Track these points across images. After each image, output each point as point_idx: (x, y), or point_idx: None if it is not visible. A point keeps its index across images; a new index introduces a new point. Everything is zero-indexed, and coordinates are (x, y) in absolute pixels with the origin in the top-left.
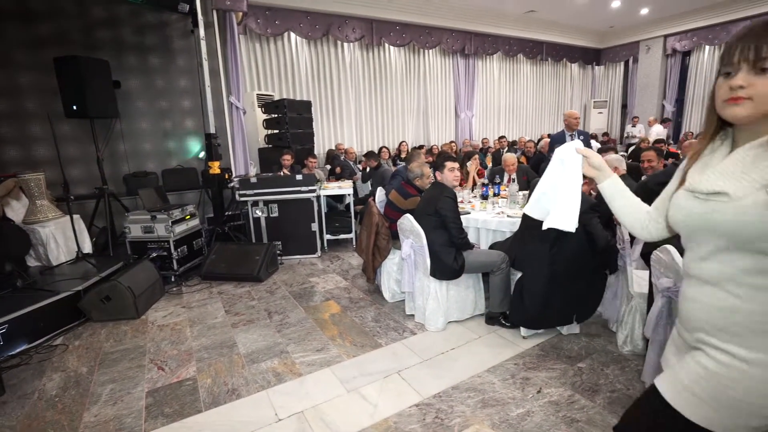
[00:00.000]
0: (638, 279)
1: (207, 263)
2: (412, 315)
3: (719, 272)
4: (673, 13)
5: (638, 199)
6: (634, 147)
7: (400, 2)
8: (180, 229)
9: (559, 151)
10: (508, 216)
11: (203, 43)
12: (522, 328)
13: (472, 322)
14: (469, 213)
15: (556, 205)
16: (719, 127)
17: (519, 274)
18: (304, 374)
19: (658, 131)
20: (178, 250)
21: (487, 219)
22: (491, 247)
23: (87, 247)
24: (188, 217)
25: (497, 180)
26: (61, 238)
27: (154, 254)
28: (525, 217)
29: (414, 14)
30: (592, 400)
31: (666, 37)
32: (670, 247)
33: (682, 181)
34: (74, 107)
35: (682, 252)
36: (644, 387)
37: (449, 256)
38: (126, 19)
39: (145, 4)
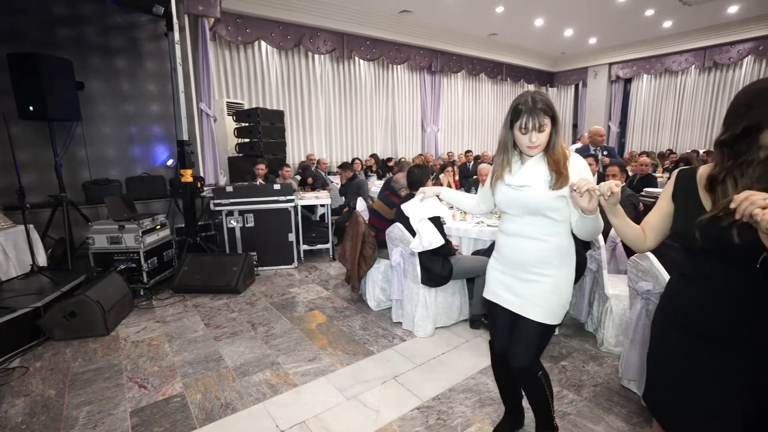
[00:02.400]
0: (612, 282)
1: (180, 275)
2: (400, 322)
3: (531, 230)
4: (616, 43)
5: (466, 194)
6: None
7: (371, 18)
8: (150, 239)
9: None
10: (488, 225)
11: (178, 48)
12: None
13: (458, 327)
14: (445, 223)
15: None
16: (505, 150)
17: None
18: (300, 384)
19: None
20: (149, 261)
21: (468, 228)
22: (474, 254)
23: (41, 260)
24: (159, 227)
25: (472, 191)
26: (12, 250)
27: (122, 266)
28: None
29: (384, 30)
30: (578, 395)
31: (610, 65)
32: (649, 253)
33: (494, 181)
34: (30, 108)
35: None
36: (620, 382)
37: (437, 264)
38: (90, 18)
39: (119, 4)
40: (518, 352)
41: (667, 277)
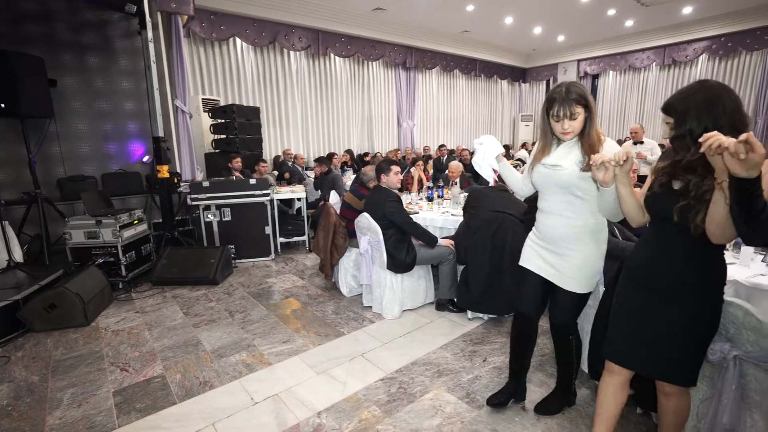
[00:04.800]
0: None
1: (158, 268)
2: (370, 306)
3: (562, 207)
4: (583, 41)
5: (518, 173)
6: None
7: (345, 16)
8: (128, 234)
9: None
10: (452, 215)
11: (152, 46)
12: (468, 311)
13: (424, 309)
14: (417, 213)
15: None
16: (549, 137)
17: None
18: (274, 363)
19: None
20: (127, 255)
21: (434, 217)
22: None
23: (18, 256)
24: (136, 221)
25: (440, 183)
26: None
27: (101, 260)
28: (469, 215)
29: (359, 28)
30: None
31: (579, 61)
32: None
33: (534, 164)
34: (2, 105)
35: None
36: None
37: (401, 252)
38: (60, 15)
39: (90, 2)
40: (557, 314)
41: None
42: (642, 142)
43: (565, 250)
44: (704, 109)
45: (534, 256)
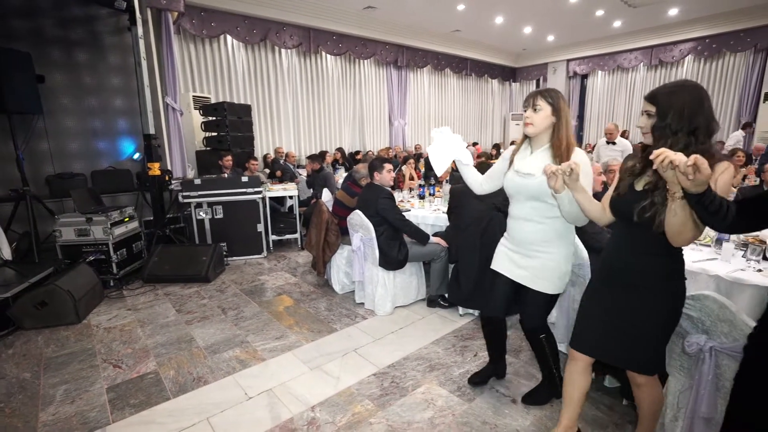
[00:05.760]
0: None
1: (149, 266)
2: (362, 303)
3: (532, 213)
4: (573, 41)
5: (477, 172)
6: None
7: (336, 14)
8: (119, 231)
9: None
10: (443, 212)
11: (142, 42)
12: (459, 308)
13: (415, 305)
14: (409, 210)
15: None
16: (524, 138)
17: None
18: (268, 359)
19: None
20: (118, 253)
21: (426, 215)
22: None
23: (6, 254)
24: (127, 219)
25: (432, 181)
26: None
27: (91, 258)
28: (456, 216)
29: (350, 26)
30: (516, 358)
31: (568, 61)
32: None
33: (509, 165)
34: None
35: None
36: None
37: (393, 249)
38: (47, 10)
39: None
40: (528, 315)
41: (586, 254)
42: (614, 143)
43: (535, 253)
44: (688, 106)
45: (505, 260)
